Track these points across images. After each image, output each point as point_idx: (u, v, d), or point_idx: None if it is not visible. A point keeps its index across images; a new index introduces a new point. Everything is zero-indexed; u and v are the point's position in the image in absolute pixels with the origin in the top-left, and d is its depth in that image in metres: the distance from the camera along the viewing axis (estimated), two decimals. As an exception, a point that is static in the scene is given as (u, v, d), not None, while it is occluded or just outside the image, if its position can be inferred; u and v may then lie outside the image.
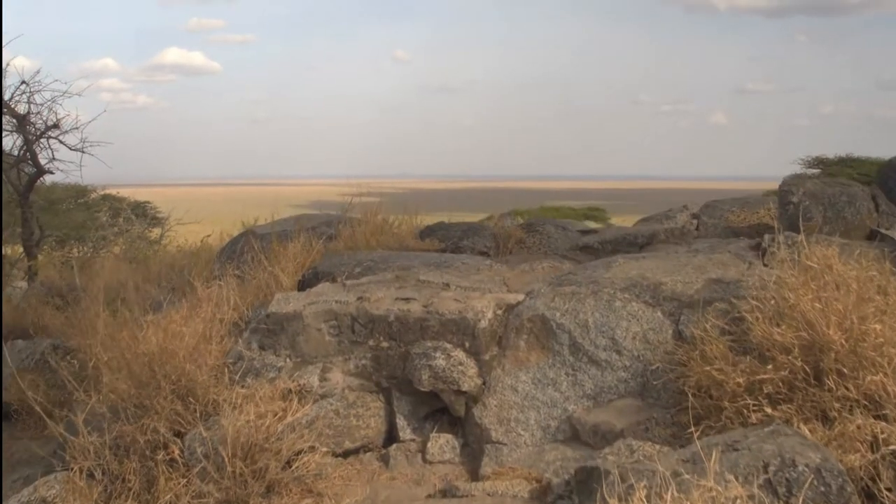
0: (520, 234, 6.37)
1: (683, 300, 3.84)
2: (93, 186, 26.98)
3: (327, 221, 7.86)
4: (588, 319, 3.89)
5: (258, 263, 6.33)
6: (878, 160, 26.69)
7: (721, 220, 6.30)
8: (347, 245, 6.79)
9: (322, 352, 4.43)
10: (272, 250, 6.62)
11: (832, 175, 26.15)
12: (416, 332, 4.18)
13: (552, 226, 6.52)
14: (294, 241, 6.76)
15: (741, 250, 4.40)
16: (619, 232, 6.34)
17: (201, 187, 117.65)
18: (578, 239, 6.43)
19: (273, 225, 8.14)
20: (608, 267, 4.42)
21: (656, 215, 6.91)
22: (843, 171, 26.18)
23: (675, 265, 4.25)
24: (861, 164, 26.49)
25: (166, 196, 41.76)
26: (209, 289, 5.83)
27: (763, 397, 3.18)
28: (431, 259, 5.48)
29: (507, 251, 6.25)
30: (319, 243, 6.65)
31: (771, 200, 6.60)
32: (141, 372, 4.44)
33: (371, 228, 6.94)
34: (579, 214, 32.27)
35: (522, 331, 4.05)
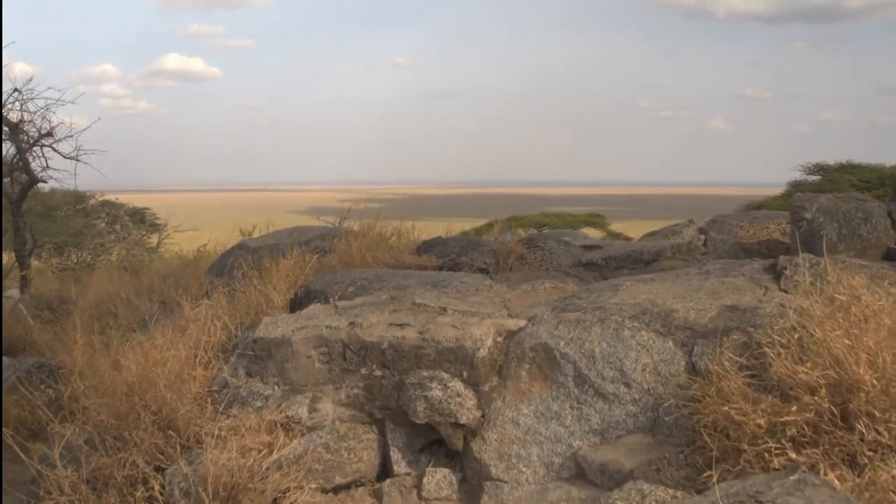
0: (520, 249, 6.10)
1: (697, 329, 3.57)
2: (91, 192, 26.78)
3: (322, 234, 7.60)
4: (594, 349, 3.62)
5: (249, 280, 6.07)
6: (878, 167, 26.48)
7: (729, 235, 6.03)
8: (342, 260, 6.53)
9: (312, 380, 4.15)
10: (264, 266, 6.36)
11: (833, 181, 25.93)
12: (410, 360, 3.91)
13: (554, 241, 6.25)
14: (287, 256, 6.50)
15: (756, 273, 4.12)
16: (623, 248, 6.06)
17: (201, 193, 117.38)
18: (581, 255, 6.16)
19: (266, 238, 7.87)
20: (615, 290, 4.14)
21: (662, 230, 6.64)
22: (843, 177, 25.97)
23: (687, 289, 3.97)
24: (861, 170, 26.26)
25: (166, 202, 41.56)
26: (197, 307, 5.57)
27: (786, 440, 2.91)
28: (428, 278, 5.21)
29: (507, 267, 5.98)
30: (313, 259, 6.39)
31: (781, 215, 6.33)
32: (120, 401, 4.17)
33: (367, 243, 6.68)
34: (579, 221, 32.02)
35: (524, 360, 3.78)
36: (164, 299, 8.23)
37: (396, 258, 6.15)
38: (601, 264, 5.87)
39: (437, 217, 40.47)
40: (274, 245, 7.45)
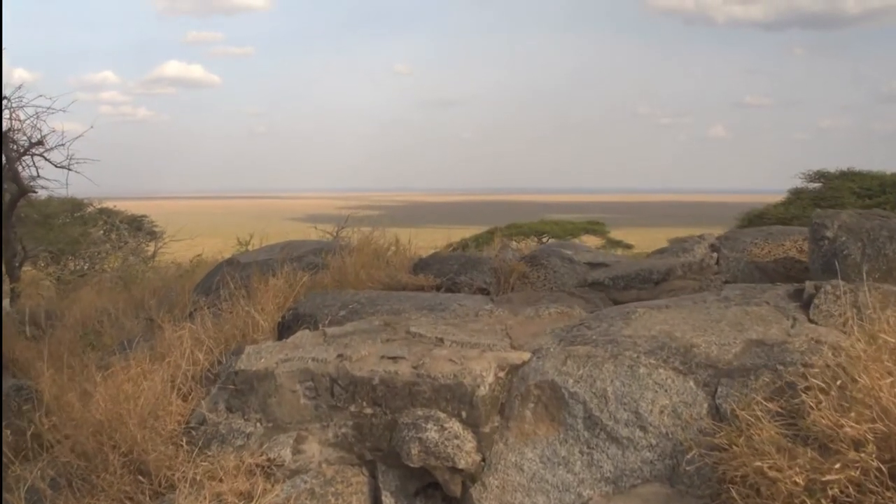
0: (522, 268, 5.73)
1: (720, 367, 3.20)
2: (89, 200, 26.46)
3: (315, 249, 7.23)
4: (607, 388, 3.24)
5: (236, 301, 5.70)
6: (879, 174, 26.07)
7: (743, 253, 5.65)
8: (335, 278, 6.16)
9: (297, 417, 3.78)
10: (252, 285, 5.99)
11: (833, 189, 25.51)
12: (404, 397, 3.54)
13: (557, 258, 5.88)
14: (277, 274, 6.13)
15: (781, 301, 3.75)
16: (631, 266, 5.69)
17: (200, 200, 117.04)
18: (587, 273, 5.78)
19: (257, 253, 7.50)
20: (626, 319, 3.77)
21: (671, 247, 6.26)
22: (844, 185, 25.60)
23: (706, 319, 3.60)
24: (862, 177, 25.88)
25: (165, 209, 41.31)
26: (180, 331, 5.21)
27: (827, 500, 2.54)
28: (425, 301, 4.83)
29: (508, 287, 5.61)
30: (304, 278, 6.02)
31: (797, 231, 5.96)
32: (87, 440, 3.80)
33: (362, 259, 6.31)
34: (579, 228, 31.67)
35: (529, 399, 3.40)
36: (151, 316, 7.86)
37: (392, 277, 5.78)
38: (608, 284, 5.49)
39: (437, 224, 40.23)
40: (265, 261, 7.08)
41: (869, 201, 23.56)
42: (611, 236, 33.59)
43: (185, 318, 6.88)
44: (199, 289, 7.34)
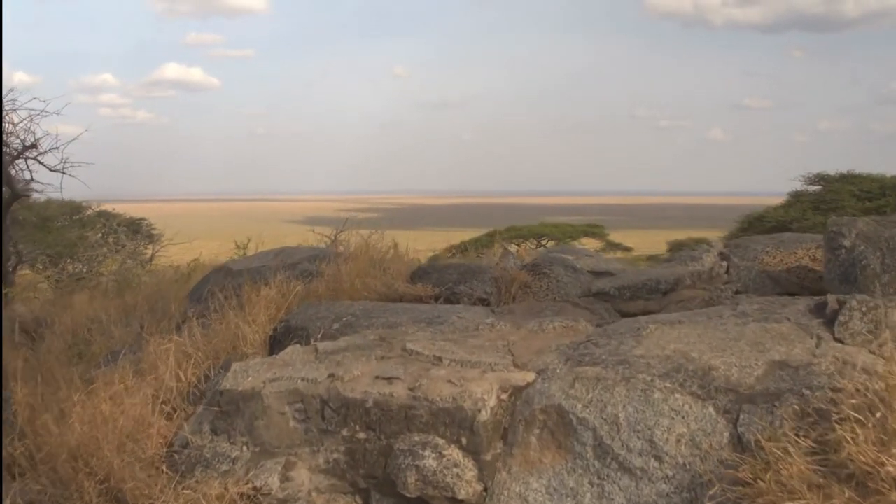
0: (524, 277, 5.46)
1: (742, 392, 2.93)
2: (88, 203, 26.19)
3: (311, 256, 6.96)
4: (619, 414, 2.97)
5: (227, 311, 5.44)
6: (879, 176, 25.82)
7: (755, 262, 5.38)
8: (330, 287, 5.89)
9: (286, 441, 3.51)
10: (244, 294, 5.73)
11: (834, 192, 25.26)
12: (399, 422, 3.27)
13: (561, 267, 5.61)
14: (270, 282, 5.88)
15: (802, 317, 3.48)
16: (637, 276, 5.42)
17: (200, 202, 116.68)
18: (591, 282, 5.52)
19: (251, 260, 7.23)
20: (637, 336, 3.50)
21: (679, 255, 5.99)
22: (844, 187, 25.34)
23: (724, 338, 3.33)
24: (862, 180, 25.63)
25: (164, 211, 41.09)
26: (166, 344, 4.95)
27: (867, 545, 2.28)
28: (422, 314, 4.57)
29: (509, 297, 5.34)
30: (297, 287, 5.76)
31: (809, 239, 5.70)
32: (62, 467, 3.53)
33: (358, 267, 6.04)
34: (578, 231, 31.39)
35: (534, 424, 3.13)
36: (143, 324, 7.60)
37: (389, 286, 5.51)
38: (614, 294, 5.23)
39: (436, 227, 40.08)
40: (258, 268, 6.82)
41: (869, 204, 23.30)
42: (610, 239, 33.32)
43: (173, 329, 6.63)
44: (191, 297, 7.08)
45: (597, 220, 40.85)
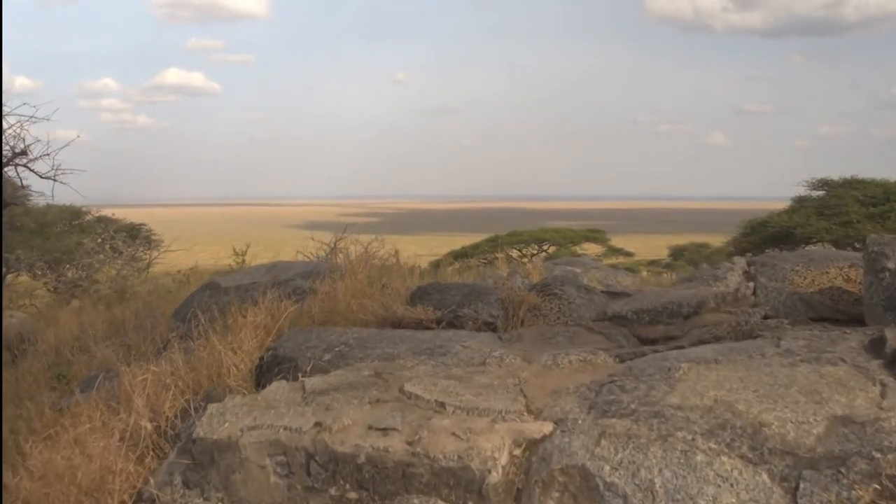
0: (533, 298, 4.98)
1: (800, 455, 2.44)
2: (87, 208, 25.73)
3: (305, 272, 6.48)
4: (654, 480, 2.49)
5: (212, 334, 4.96)
6: (883, 182, 25.29)
7: (784, 283, 4.90)
8: (324, 308, 5.41)
9: (266, 499, 3.03)
10: (231, 316, 5.26)
11: (837, 197, 24.73)
12: (396, 481, 2.79)
13: (573, 287, 5.12)
14: (260, 301, 5.40)
15: (858, 356, 3.00)
16: (656, 298, 4.94)
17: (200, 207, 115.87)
18: (606, 304, 5.04)
19: (241, 275, 6.75)
20: (669, 379, 3.02)
21: (701, 273, 5.50)
22: (847, 193, 24.83)
23: (772, 384, 2.85)
24: (866, 185, 25.11)
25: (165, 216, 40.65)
26: (143, 375, 4.48)
27: None
28: (423, 343, 4.09)
29: (518, 321, 4.86)
30: (289, 308, 5.28)
31: (840, 256, 5.22)
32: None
33: (354, 286, 5.56)
34: (579, 236, 30.92)
35: (552, 487, 2.65)
36: (128, 341, 7.13)
37: (387, 308, 5.03)
38: (631, 318, 4.75)
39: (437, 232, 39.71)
40: (248, 285, 6.35)
41: (873, 209, 22.84)
42: (612, 244, 32.82)
43: (156, 353, 6.15)
44: (176, 315, 6.60)
45: (598, 225, 40.41)
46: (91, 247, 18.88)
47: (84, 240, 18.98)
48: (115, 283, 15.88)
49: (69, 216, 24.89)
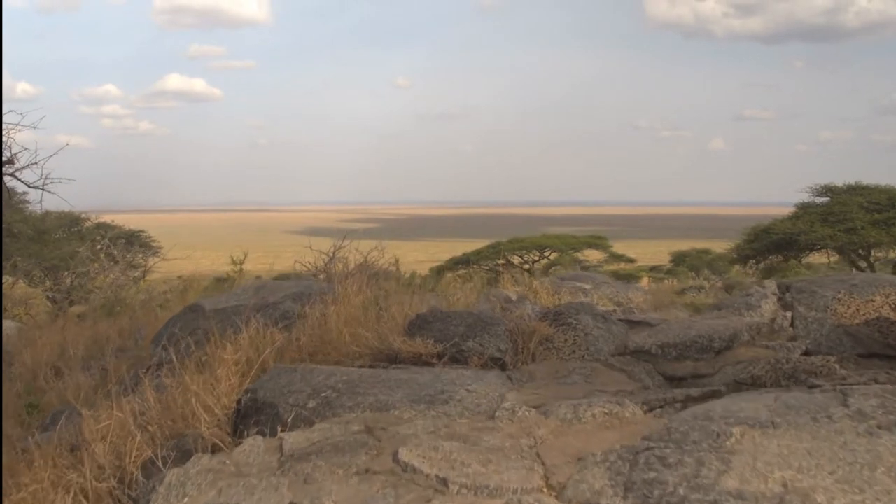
0: (545, 329, 4.41)
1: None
2: (87, 214, 25.18)
3: (295, 293, 5.91)
4: None
5: (188, 371, 4.40)
6: (888, 188, 24.65)
7: (825, 312, 4.33)
8: (314, 338, 4.84)
9: None
10: (211, 348, 4.70)
11: (842, 203, 24.10)
12: (388, 584, 2.22)
13: (588, 316, 4.55)
14: (245, 327, 4.84)
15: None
16: (683, 330, 4.36)
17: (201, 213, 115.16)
18: (626, 336, 4.46)
19: (227, 297, 6.16)
20: (719, 449, 2.45)
21: (731, 300, 4.91)
22: (852, 199, 24.20)
23: (850, 460, 2.27)
24: (871, 191, 24.48)
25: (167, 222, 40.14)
26: (107, 421, 3.92)
27: None
28: (422, 388, 3.51)
29: (528, 355, 4.29)
30: (276, 337, 4.72)
31: (886, 282, 4.65)
32: None
33: (348, 312, 4.99)
34: (581, 243, 30.34)
35: None
36: (107, 365, 6.57)
37: (383, 339, 4.46)
38: (655, 353, 4.18)
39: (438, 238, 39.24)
40: (234, 308, 5.78)
41: (878, 216, 22.25)
42: (613, 250, 32.24)
43: (133, 381, 5.59)
44: (155, 341, 6.03)
45: (599, 231, 39.84)
46: (86, 255, 18.33)
47: (79, 248, 18.42)
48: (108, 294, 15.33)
49: (68, 223, 24.35)
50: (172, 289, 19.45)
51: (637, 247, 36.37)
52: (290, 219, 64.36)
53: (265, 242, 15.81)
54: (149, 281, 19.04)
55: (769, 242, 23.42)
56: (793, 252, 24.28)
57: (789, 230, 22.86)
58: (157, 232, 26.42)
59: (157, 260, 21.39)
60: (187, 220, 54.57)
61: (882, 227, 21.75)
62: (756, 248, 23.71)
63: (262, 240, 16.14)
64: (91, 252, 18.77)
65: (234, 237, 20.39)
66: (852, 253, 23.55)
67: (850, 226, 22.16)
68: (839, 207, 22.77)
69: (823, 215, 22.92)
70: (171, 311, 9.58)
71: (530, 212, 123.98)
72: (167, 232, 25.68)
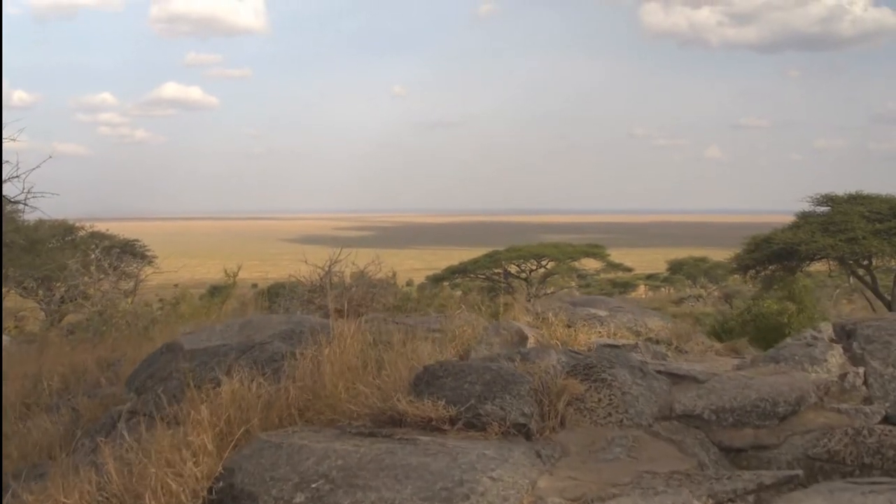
0: (575, 386, 3.68)
1: None
2: (81, 223, 24.45)
3: (284, 332, 5.18)
4: None
5: (156, 437, 3.66)
6: (888, 198, 24.00)
7: (904, 368, 3.62)
8: (304, 391, 4.11)
9: None
10: (185, 407, 3.97)
11: (842, 213, 23.42)
12: None
13: (625, 369, 3.82)
14: (227, 376, 4.11)
15: None
16: (740, 388, 3.63)
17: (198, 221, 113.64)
18: (670, 394, 3.74)
19: (210, 333, 5.37)
20: None
21: (788, 350, 4.16)
22: (853, 209, 23.53)
23: None
24: (871, 201, 23.82)
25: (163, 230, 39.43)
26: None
27: None
28: (436, 479, 2.77)
29: (556, 420, 3.56)
30: (261, 393, 3.99)
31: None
32: None
33: (343, 361, 4.25)
34: (578, 251, 29.63)
35: None
36: (77, 406, 5.83)
37: (385, 398, 3.73)
38: (708, 418, 3.46)
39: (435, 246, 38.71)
40: (215, 349, 5.05)
41: (879, 225, 21.62)
42: (611, 259, 31.59)
43: (106, 427, 4.86)
44: (129, 383, 5.28)
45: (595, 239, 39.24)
46: (76, 268, 17.58)
47: (69, 260, 17.67)
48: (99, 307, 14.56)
49: (62, 232, 23.61)
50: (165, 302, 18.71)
51: (634, 255, 35.77)
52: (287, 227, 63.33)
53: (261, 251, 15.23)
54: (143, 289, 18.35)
55: (770, 252, 22.75)
56: (793, 262, 23.60)
57: (790, 240, 22.21)
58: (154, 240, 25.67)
59: (152, 271, 20.69)
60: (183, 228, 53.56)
61: (883, 236, 21.11)
62: (756, 258, 23.05)
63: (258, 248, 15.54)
64: (81, 264, 18.02)
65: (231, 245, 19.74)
66: (853, 263, 22.92)
67: (851, 235, 21.52)
68: (840, 217, 22.12)
69: (824, 225, 22.27)
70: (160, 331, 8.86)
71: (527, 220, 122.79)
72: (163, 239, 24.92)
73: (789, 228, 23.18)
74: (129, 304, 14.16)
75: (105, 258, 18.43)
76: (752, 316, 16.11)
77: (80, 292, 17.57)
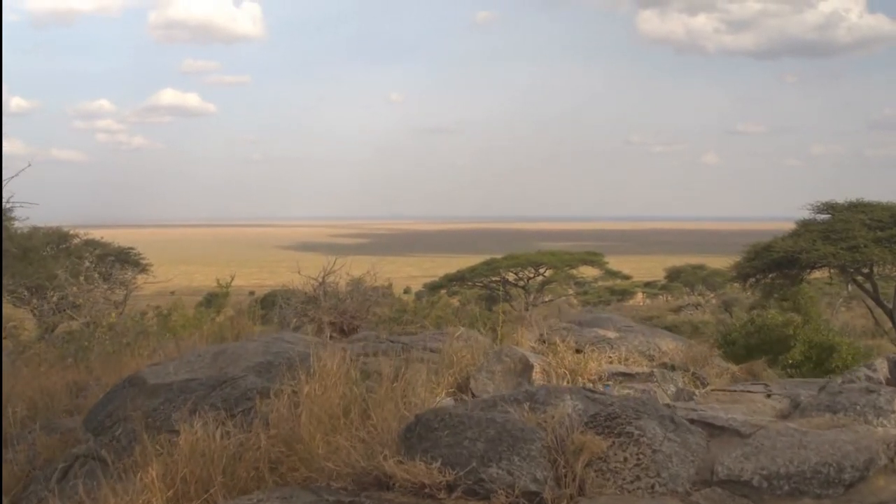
0: (596, 444, 3.04)
1: None
2: (76, 230, 23.84)
3: (259, 365, 4.52)
4: None
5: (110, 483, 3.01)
6: (889, 205, 23.37)
7: None
8: (277, 442, 3.46)
9: None
10: (142, 451, 3.32)
11: (843, 221, 22.79)
12: None
13: (654, 421, 3.17)
14: (184, 431, 3.46)
15: None
16: (795, 451, 2.97)
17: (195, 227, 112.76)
18: (709, 452, 3.09)
19: (178, 366, 4.70)
20: None
21: (846, 395, 3.46)
22: (854, 216, 22.89)
23: None
24: (872, 208, 23.17)
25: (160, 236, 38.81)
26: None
27: None
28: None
29: (575, 485, 2.92)
30: (226, 445, 3.34)
31: None
32: None
33: (322, 407, 3.60)
34: (576, 259, 28.97)
35: None
36: (37, 446, 5.18)
37: (370, 457, 3.08)
38: (758, 486, 2.81)
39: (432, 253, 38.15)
40: (182, 384, 4.38)
41: (881, 233, 21.03)
42: (609, 267, 30.95)
43: (55, 481, 4.19)
44: (87, 422, 4.61)
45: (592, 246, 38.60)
46: (65, 278, 16.91)
47: (57, 271, 17.00)
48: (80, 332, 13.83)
49: (56, 240, 22.98)
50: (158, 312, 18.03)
51: (631, 262, 35.17)
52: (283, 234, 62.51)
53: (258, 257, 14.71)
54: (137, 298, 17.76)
55: (770, 261, 22.13)
56: (794, 270, 22.96)
57: (790, 248, 21.59)
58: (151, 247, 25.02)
59: (144, 280, 20.08)
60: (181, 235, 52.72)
61: (885, 244, 20.52)
62: (756, 266, 22.41)
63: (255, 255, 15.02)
64: (70, 273, 17.36)
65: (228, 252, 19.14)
66: (854, 271, 22.31)
67: (852, 244, 20.91)
68: (841, 225, 21.52)
69: (825, 233, 21.68)
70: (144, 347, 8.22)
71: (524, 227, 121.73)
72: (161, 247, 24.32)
73: (790, 236, 22.57)
74: (113, 319, 13.50)
75: (98, 267, 17.78)
76: (756, 328, 15.41)
77: (68, 303, 16.93)
